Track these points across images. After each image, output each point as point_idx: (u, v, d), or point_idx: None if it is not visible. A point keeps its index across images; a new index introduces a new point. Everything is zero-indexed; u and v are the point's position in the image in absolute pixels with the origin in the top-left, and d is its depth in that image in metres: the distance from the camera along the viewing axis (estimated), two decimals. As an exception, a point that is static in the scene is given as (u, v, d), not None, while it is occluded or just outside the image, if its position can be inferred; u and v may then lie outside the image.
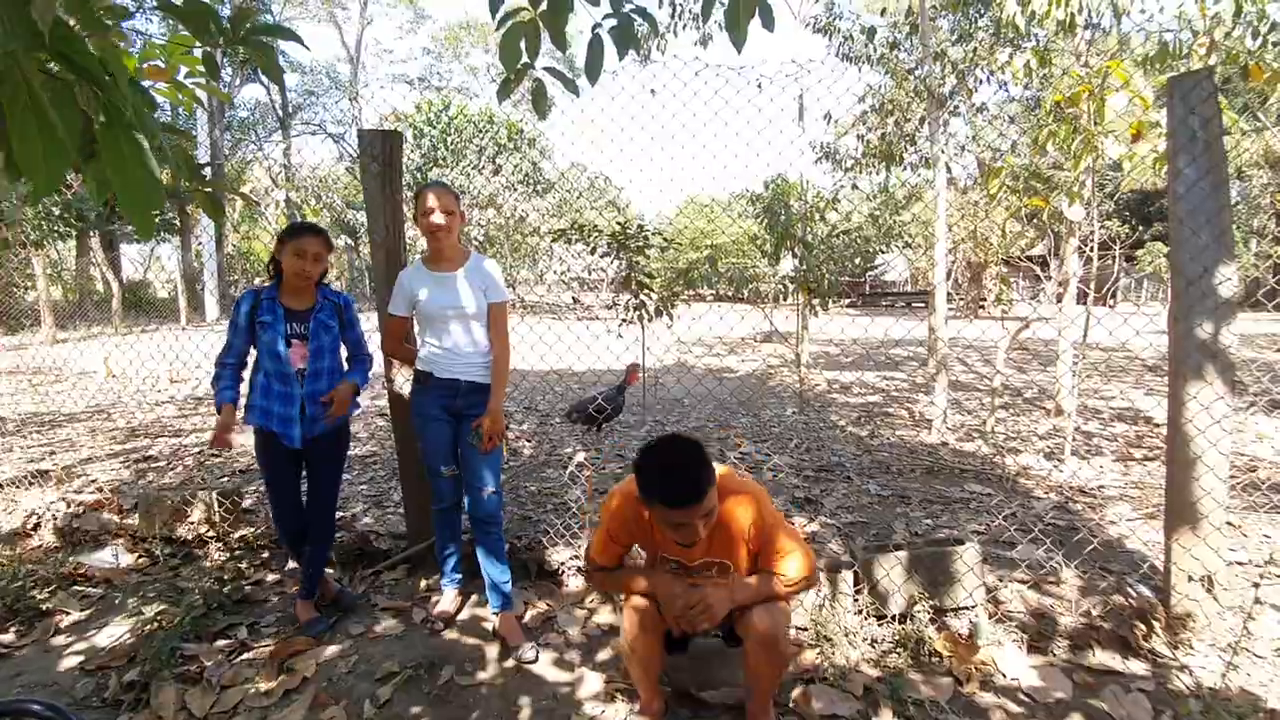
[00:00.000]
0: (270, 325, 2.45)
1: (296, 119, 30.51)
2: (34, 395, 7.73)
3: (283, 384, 2.47)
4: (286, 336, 2.47)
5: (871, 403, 7.04)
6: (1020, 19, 4.09)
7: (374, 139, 2.91)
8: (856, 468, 4.44)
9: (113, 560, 3.22)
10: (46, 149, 0.99)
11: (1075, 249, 5.32)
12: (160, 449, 5.22)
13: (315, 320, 2.52)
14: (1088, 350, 4.84)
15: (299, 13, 29.15)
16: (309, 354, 2.50)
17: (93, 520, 3.51)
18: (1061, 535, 3.20)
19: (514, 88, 1.71)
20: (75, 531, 3.48)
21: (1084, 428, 5.40)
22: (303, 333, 2.50)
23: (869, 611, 2.49)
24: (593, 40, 1.64)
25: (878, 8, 13.48)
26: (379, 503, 3.88)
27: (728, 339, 13.22)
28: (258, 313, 2.47)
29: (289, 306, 2.50)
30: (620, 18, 1.68)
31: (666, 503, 1.67)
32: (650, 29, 1.78)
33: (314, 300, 2.55)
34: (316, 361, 2.51)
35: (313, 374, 2.51)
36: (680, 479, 1.65)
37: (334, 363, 2.58)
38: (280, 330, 2.46)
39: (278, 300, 2.49)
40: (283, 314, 2.48)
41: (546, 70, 1.73)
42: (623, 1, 1.61)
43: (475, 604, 2.80)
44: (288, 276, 2.49)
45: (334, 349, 2.57)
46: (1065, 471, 4.19)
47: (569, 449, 5.00)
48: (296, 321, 2.50)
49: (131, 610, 2.73)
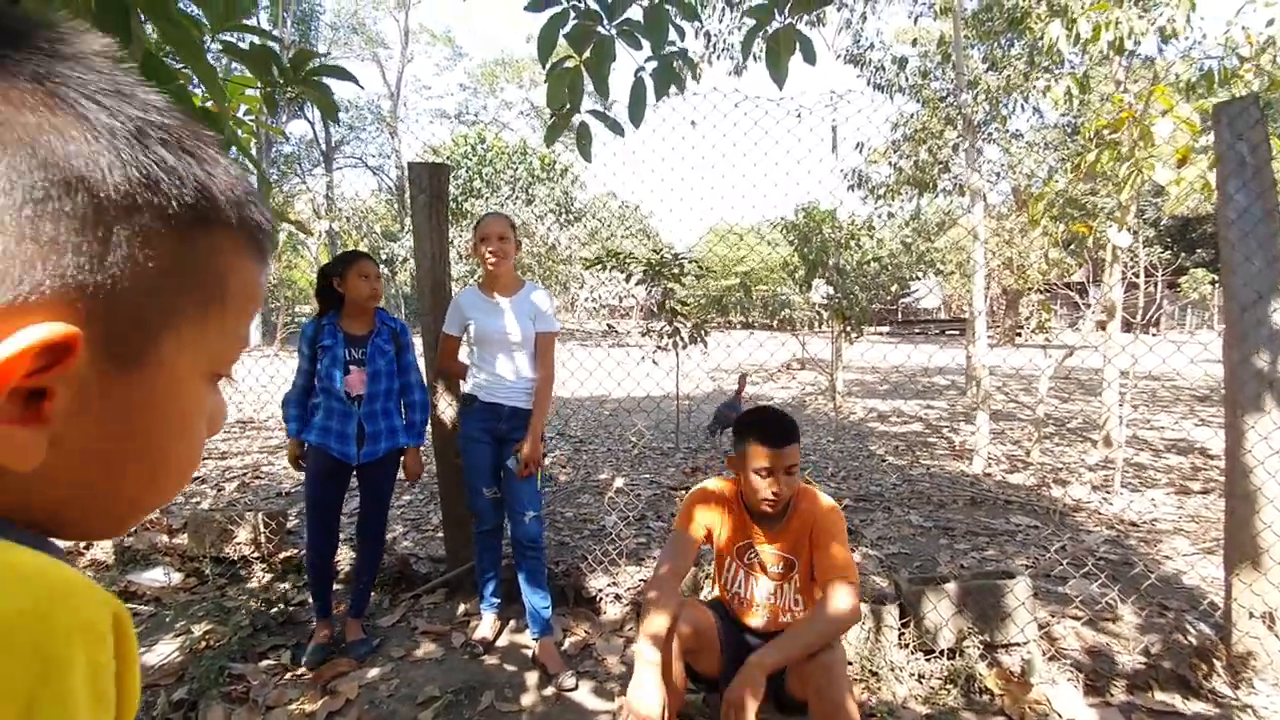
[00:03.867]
0: (330, 349, 2.55)
1: (339, 152, 31.64)
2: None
3: (341, 405, 2.56)
4: (345, 363, 2.56)
5: (911, 432, 6.92)
6: (1064, 43, 4.08)
7: (422, 171, 3.01)
8: (896, 498, 4.36)
9: (163, 579, 3.31)
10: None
11: (1119, 275, 5.21)
12: (208, 470, 5.36)
13: (373, 345, 2.60)
14: (1136, 379, 4.71)
15: (344, 52, 30.42)
16: (366, 378, 2.58)
17: (144, 539, 3.62)
18: (1115, 570, 3.09)
19: (561, 132, 1.77)
20: (127, 549, 3.58)
21: (1135, 459, 5.23)
22: (360, 358, 2.58)
23: (915, 646, 2.43)
24: (635, 83, 1.69)
25: (909, 38, 13.57)
26: (419, 526, 3.92)
27: (764, 366, 13.15)
28: (320, 338, 2.57)
29: (349, 332, 2.59)
30: (660, 60, 1.73)
31: (763, 438, 1.82)
32: (689, 68, 1.84)
33: (373, 325, 2.64)
34: (374, 385, 2.59)
35: (369, 396, 2.58)
36: (777, 420, 1.87)
37: (390, 385, 2.65)
38: (340, 356, 2.55)
39: (338, 326, 2.59)
40: (343, 339, 2.57)
41: (591, 113, 1.78)
42: (664, 45, 1.66)
43: (514, 629, 2.80)
44: (352, 300, 2.58)
45: (390, 372, 2.65)
46: (1117, 504, 4.05)
47: (604, 475, 5.00)
48: (355, 347, 2.59)
49: (180, 629, 2.79)
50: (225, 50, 1.61)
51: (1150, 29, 4.46)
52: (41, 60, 0.31)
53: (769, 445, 1.82)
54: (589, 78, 1.74)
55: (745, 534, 1.98)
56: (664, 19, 1.67)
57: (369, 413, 2.58)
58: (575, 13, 1.66)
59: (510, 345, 2.56)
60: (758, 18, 1.71)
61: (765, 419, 1.90)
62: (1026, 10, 6.63)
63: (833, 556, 1.83)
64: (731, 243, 22.28)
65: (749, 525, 1.97)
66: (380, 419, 2.61)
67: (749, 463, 1.86)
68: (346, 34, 30.76)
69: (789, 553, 1.94)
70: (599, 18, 1.66)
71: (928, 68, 9.25)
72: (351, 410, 2.56)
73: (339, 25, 30.45)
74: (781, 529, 1.94)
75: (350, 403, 2.56)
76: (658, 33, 1.68)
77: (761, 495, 1.85)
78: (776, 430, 1.84)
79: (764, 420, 1.89)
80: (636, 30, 1.68)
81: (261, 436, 6.91)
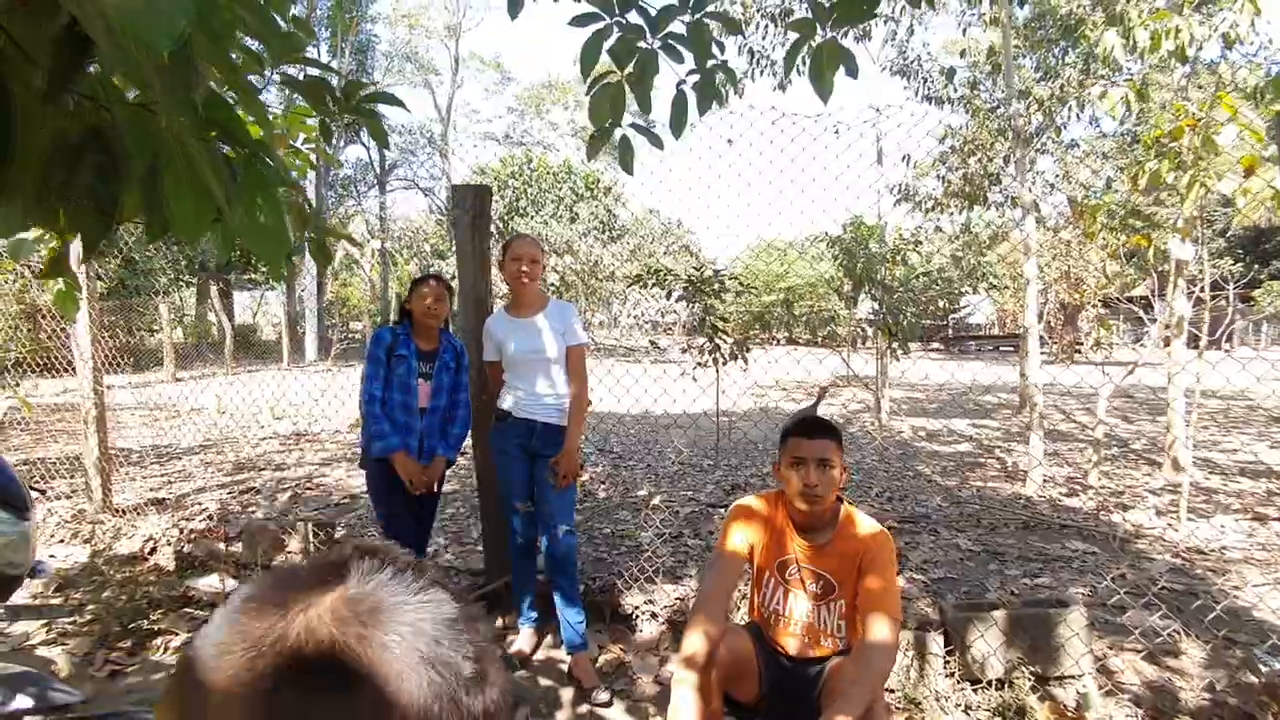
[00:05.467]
0: (406, 359, 2.67)
1: (392, 175, 32.75)
2: (154, 429, 8.44)
3: (406, 414, 2.66)
4: (416, 375, 2.69)
5: (961, 452, 6.70)
6: (1120, 51, 3.95)
7: (465, 193, 3.10)
8: (944, 520, 4.22)
9: (219, 585, 3.44)
10: (197, 207, 1.12)
11: (1183, 289, 4.97)
12: (264, 481, 5.57)
13: (440, 361, 2.74)
14: (1203, 399, 4.47)
15: (398, 80, 31.53)
16: (431, 392, 2.71)
17: (202, 546, 3.77)
18: (1178, 600, 2.92)
19: (602, 145, 1.80)
20: (186, 556, 3.74)
21: (1203, 483, 4.95)
22: (428, 372, 2.72)
23: (961, 675, 2.34)
24: (677, 96, 1.71)
25: (957, 49, 13.34)
26: (459, 539, 3.98)
27: (806, 384, 12.96)
28: (396, 346, 2.68)
29: (420, 346, 2.73)
30: (703, 73, 1.75)
31: (797, 430, 1.90)
32: (730, 82, 1.84)
33: (439, 343, 2.77)
34: (436, 399, 2.73)
35: (431, 410, 2.72)
36: (817, 419, 1.97)
37: (449, 400, 2.77)
38: (414, 367, 2.69)
39: (411, 338, 2.72)
40: (415, 351, 2.70)
41: (632, 126, 1.81)
42: (707, 58, 1.68)
43: (551, 644, 2.81)
44: (417, 317, 2.72)
45: (450, 388, 2.77)
46: (1181, 531, 3.84)
47: (643, 491, 4.99)
48: (424, 361, 2.73)
49: (232, 634, 2.89)
50: (284, 82, 1.70)
51: (1213, 34, 4.28)
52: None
53: (801, 435, 1.89)
54: (631, 93, 1.77)
55: (786, 549, 1.96)
56: (707, 33, 1.69)
57: (429, 426, 2.70)
58: (618, 28, 1.70)
59: (541, 362, 2.61)
60: (800, 31, 1.71)
61: (806, 418, 1.99)
62: (1081, 18, 6.45)
63: (878, 586, 1.79)
64: (772, 258, 22.12)
65: (791, 540, 1.95)
66: (437, 433, 2.74)
67: (785, 457, 1.92)
68: (400, 62, 31.89)
69: (831, 574, 1.90)
70: (642, 32, 1.69)
71: (977, 78, 9.06)
72: (414, 423, 2.68)
73: (393, 54, 31.61)
74: (825, 547, 1.91)
75: (415, 413, 2.68)
76: (700, 46, 1.70)
77: (796, 488, 1.86)
78: (810, 422, 1.92)
79: (805, 418, 1.98)
80: (680, 44, 1.71)
81: (315, 448, 7.14)
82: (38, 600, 3.28)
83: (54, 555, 3.88)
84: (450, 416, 2.79)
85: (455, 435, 2.79)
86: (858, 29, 7.00)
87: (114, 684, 2.63)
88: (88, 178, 1.04)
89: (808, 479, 1.84)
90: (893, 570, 1.83)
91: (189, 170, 1.09)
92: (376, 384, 2.65)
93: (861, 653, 1.72)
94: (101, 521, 4.24)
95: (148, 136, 1.06)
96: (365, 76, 27.31)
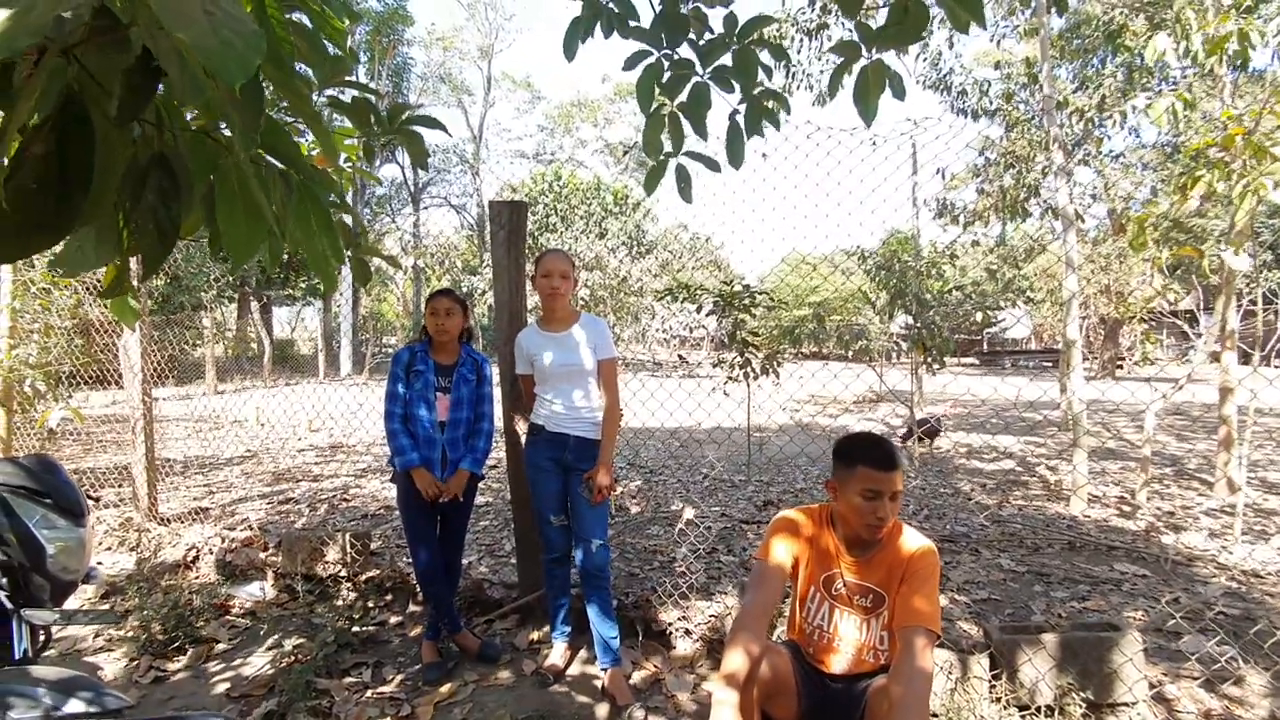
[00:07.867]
0: (422, 375, 2.73)
1: (425, 193, 33.42)
2: (198, 440, 8.67)
3: (425, 429, 2.70)
4: (435, 389, 2.74)
5: (1003, 469, 6.54)
6: (1172, 56, 3.83)
7: (502, 209, 3.15)
8: (985, 539, 4.11)
9: (259, 594, 3.51)
10: (249, 227, 1.15)
11: (1234, 302, 4.80)
12: (301, 491, 5.68)
13: (458, 374, 2.78)
14: (1258, 415, 4.29)
15: (432, 100, 32.30)
16: (450, 405, 2.74)
17: (243, 555, 3.85)
18: (1236, 626, 2.79)
19: (660, 177, 1.83)
20: (228, 565, 3.82)
21: (1259, 504, 4.74)
22: (446, 386, 2.76)
23: (1009, 700, 2.26)
24: (731, 126, 1.75)
25: (990, 61, 13.20)
26: (492, 551, 4.00)
27: (840, 399, 12.80)
28: (414, 363, 2.74)
29: (438, 361, 2.78)
30: (750, 100, 1.77)
31: (873, 461, 1.80)
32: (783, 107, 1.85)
33: (458, 356, 2.81)
34: (456, 412, 2.75)
35: (452, 423, 2.74)
36: (886, 446, 1.85)
37: (470, 413, 2.80)
38: (431, 382, 2.73)
39: (429, 354, 2.77)
40: (433, 366, 2.75)
41: (688, 154, 1.83)
42: (754, 86, 1.70)
43: (584, 659, 2.79)
44: (431, 333, 2.78)
45: (471, 401, 2.80)
46: (1237, 553, 3.68)
47: (675, 506, 4.96)
48: (442, 376, 2.77)
49: (273, 643, 2.94)
50: (330, 104, 1.76)
51: (1272, 39, 4.16)
52: None
53: (878, 468, 1.80)
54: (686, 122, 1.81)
55: (832, 564, 1.92)
56: (753, 61, 1.72)
57: (451, 439, 2.73)
58: (668, 62, 1.74)
59: (573, 376, 2.63)
60: (845, 55, 1.72)
61: (874, 441, 1.89)
62: (1123, 25, 6.32)
63: (922, 603, 1.75)
64: (804, 273, 21.93)
65: (837, 555, 1.91)
66: (462, 445, 2.76)
67: (855, 485, 1.83)
68: (435, 83, 32.66)
69: (878, 585, 1.87)
70: (692, 66, 1.74)
71: (1012, 90, 8.94)
72: (435, 436, 2.71)
73: (428, 76, 32.40)
74: (871, 560, 1.87)
75: (436, 429, 2.71)
76: (748, 75, 1.73)
77: (866, 520, 1.81)
78: (885, 453, 1.83)
79: (872, 443, 1.88)
80: (728, 74, 1.74)
81: (350, 460, 7.26)
82: (88, 606, 3.38)
83: (101, 562, 4.00)
84: (474, 430, 2.81)
85: (480, 449, 2.81)
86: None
87: (157, 690, 2.69)
88: (151, 200, 1.08)
89: (880, 512, 1.80)
90: (935, 587, 1.79)
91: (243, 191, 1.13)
92: (396, 401, 2.72)
93: (903, 673, 1.66)
94: (148, 530, 4.36)
95: (208, 159, 1.10)
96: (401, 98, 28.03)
